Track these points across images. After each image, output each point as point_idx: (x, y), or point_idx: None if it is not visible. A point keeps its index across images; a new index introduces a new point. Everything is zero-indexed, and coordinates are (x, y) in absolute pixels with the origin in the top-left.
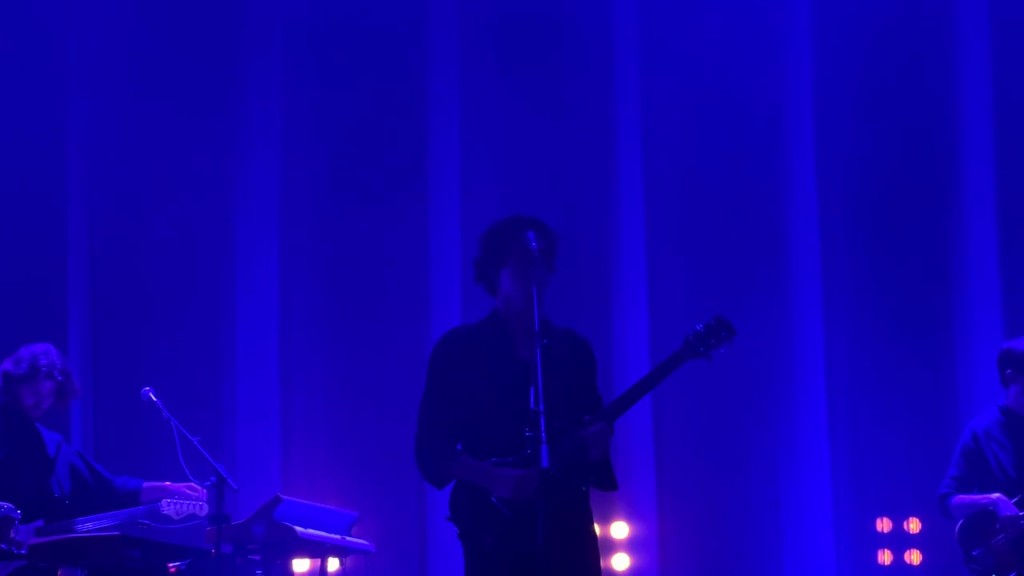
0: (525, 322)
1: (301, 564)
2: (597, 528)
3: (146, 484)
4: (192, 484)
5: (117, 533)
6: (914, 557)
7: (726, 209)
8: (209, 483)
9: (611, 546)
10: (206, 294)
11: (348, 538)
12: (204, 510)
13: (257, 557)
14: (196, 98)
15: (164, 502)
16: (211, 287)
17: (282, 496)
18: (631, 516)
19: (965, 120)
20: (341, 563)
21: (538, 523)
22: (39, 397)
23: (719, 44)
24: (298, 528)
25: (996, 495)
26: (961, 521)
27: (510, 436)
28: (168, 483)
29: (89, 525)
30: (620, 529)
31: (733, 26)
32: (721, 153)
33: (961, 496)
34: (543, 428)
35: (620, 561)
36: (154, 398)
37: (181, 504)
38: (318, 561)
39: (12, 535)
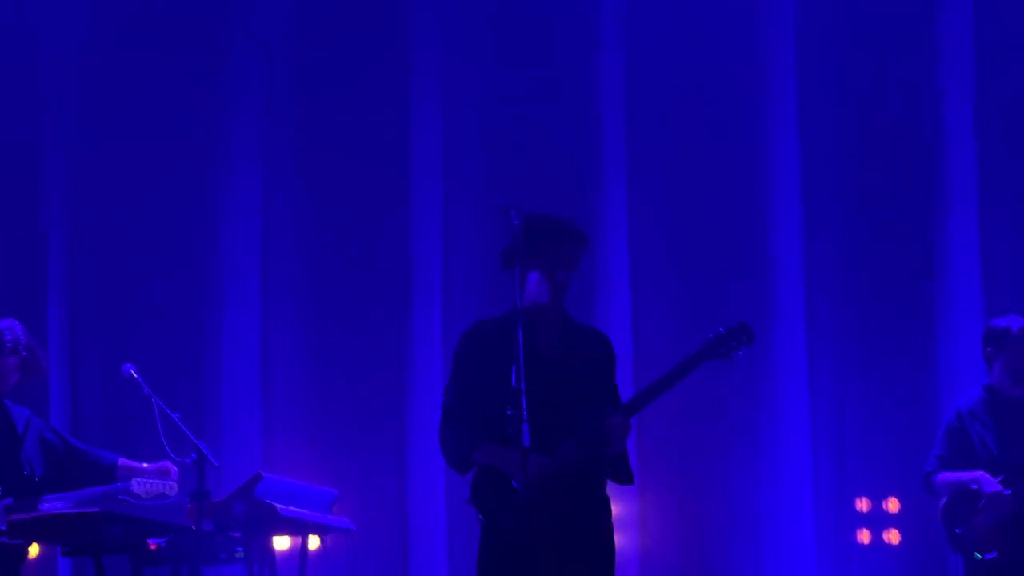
0: (548, 317)
1: (281, 542)
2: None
3: (122, 461)
4: (165, 465)
5: (96, 509)
6: (892, 536)
7: (709, 199)
8: (190, 460)
9: None
10: (189, 271)
11: (329, 516)
12: (174, 490)
13: (238, 534)
14: (180, 71)
15: (135, 481)
16: (195, 264)
17: (263, 474)
18: (612, 497)
19: (947, 111)
20: (321, 541)
21: (519, 500)
22: (4, 373)
23: (703, 32)
24: (279, 506)
25: (980, 472)
26: (944, 499)
27: (534, 426)
28: (146, 464)
29: (58, 504)
30: None
31: (716, 12)
32: (704, 141)
33: (945, 474)
34: (524, 407)
35: None
36: (135, 375)
37: (152, 483)
38: (298, 539)
39: None
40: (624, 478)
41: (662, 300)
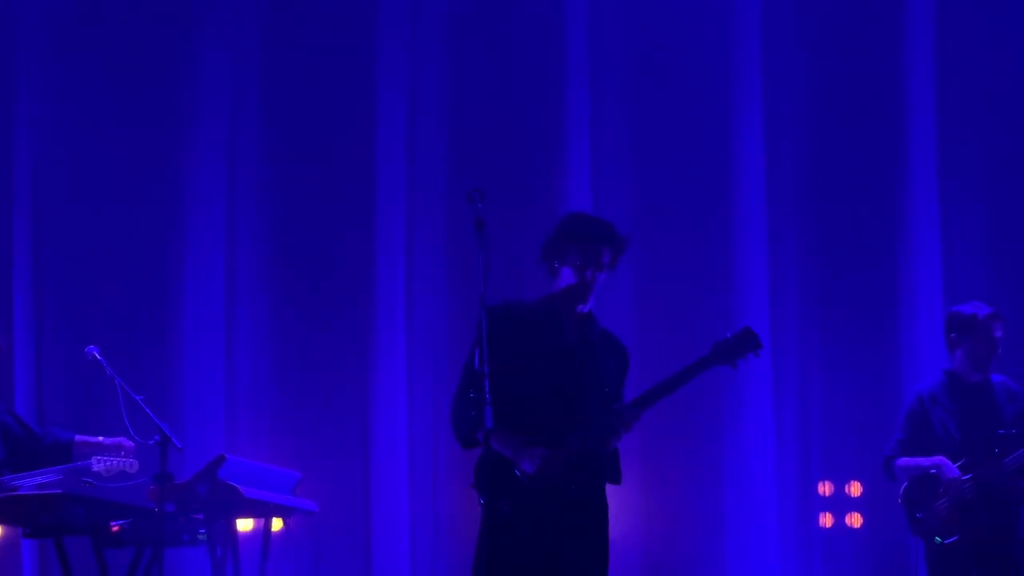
0: (574, 312)
1: (244, 523)
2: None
3: (78, 437)
4: (120, 441)
5: (59, 491)
6: (855, 520)
7: (672, 183)
8: (153, 442)
9: None
10: (153, 253)
11: (292, 498)
12: (135, 468)
13: (200, 516)
14: (146, 59)
15: (95, 460)
16: (158, 246)
17: (226, 455)
18: None
19: (911, 97)
20: (285, 523)
21: (522, 488)
22: None
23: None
24: (242, 487)
25: (939, 457)
26: (905, 484)
27: (547, 415)
28: (101, 438)
29: (17, 483)
30: None
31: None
32: (669, 120)
33: (905, 458)
34: (487, 390)
35: None
36: (98, 356)
37: (111, 461)
38: (261, 521)
39: None
40: (613, 477)
41: (624, 285)
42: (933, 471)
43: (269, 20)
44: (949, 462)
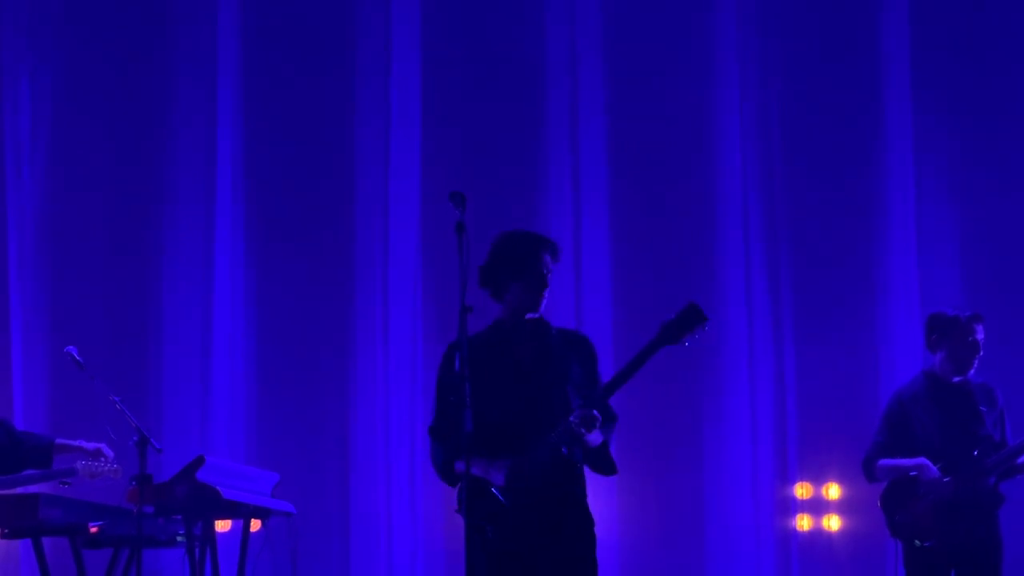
0: (528, 328)
1: (223, 524)
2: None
3: (58, 440)
4: (102, 446)
5: (36, 492)
6: (832, 522)
7: (653, 173)
8: (131, 442)
9: None
10: (132, 253)
11: (270, 499)
12: (118, 474)
13: (179, 517)
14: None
15: (79, 463)
16: (137, 246)
17: (205, 457)
18: None
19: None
20: (263, 524)
21: (500, 506)
22: None
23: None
24: (221, 488)
25: (921, 459)
26: (884, 486)
27: (514, 431)
28: (82, 441)
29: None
30: None
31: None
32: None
33: (886, 460)
34: (468, 393)
35: None
36: (77, 357)
37: (96, 466)
38: (240, 522)
39: None
40: (605, 468)
41: (602, 273)
42: (914, 473)
43: (248, 20)
44: (930, 464)
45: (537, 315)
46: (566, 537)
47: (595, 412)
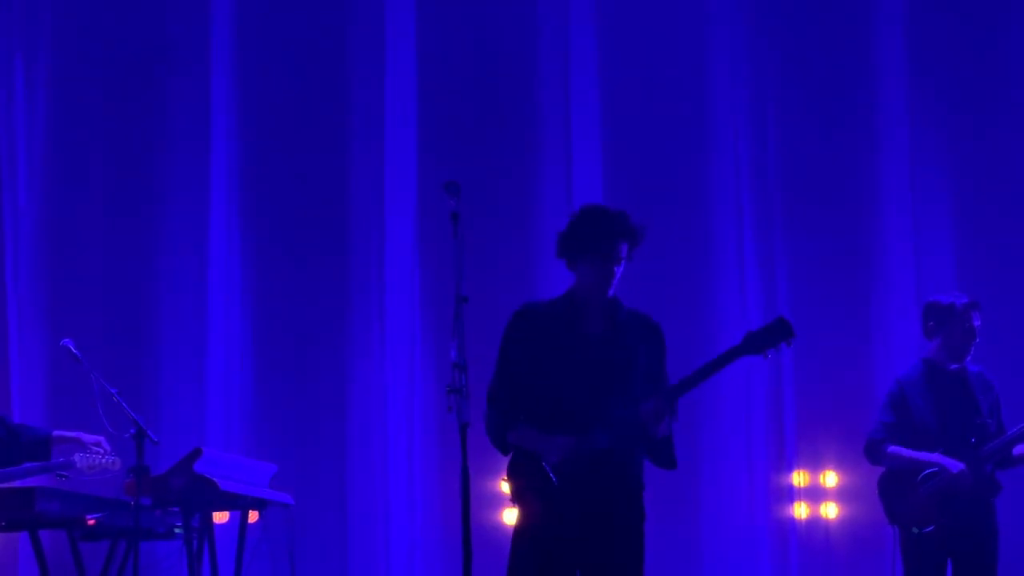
0: (597, 302)
1: (220, 516)
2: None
3: (56, 432)
4: (101, 439)
5: (33, 485)
6: (830, 510)
7: (647, 162)
8: (128, 434)
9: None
10: (129, 245)
11: (268, 491)
12: (117, 465)
13: (176, 509)
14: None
15: (78, 456)
16: (134, 239)
17: (202, 448)
18: None
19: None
20: (261, 515)
21: (551, 484)
22: None
23: None
24: (218, 480)
25: (937, 455)
26: (882, 472)
27: (573, 408)
28: (80, 434)
29: None
30: None
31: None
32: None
33: (900, 448)
34: (467, 382)
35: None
36: (73, 349)
37: (94, 459)
38: (237, 513)
39: None
40: (666, 462)
41: None
42: (932, 470)
43: (243, 17)
44: (947, 462)
45: (611, 294)
46: (616, 530)
47: (669, 403)
